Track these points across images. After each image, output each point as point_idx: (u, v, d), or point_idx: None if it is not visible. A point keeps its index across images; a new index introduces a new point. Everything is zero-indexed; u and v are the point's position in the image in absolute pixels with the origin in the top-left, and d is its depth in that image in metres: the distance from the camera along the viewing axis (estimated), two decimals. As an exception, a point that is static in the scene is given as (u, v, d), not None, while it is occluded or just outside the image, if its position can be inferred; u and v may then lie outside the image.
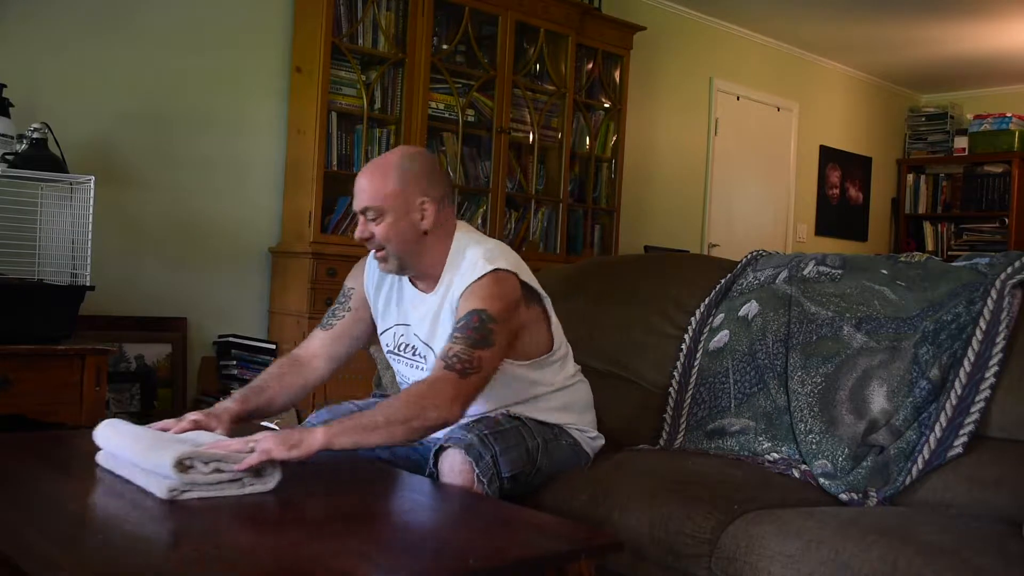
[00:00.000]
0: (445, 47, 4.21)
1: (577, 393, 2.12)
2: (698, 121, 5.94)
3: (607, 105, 4.98)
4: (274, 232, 3.97)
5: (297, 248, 3.80)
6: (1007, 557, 1.56)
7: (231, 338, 3.75)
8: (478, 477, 1.78)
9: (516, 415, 1.97)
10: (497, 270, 1.87)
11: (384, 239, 1.93)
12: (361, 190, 1.93)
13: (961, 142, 7.13)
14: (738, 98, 6.16)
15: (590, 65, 4.88)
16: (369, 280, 2.11)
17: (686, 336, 2.54)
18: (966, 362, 2.03)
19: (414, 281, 2.03)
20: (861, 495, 2.00)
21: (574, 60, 4.66)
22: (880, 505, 1.98)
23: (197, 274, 3.76)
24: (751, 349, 2.37)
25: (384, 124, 4.07)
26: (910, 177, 7.46)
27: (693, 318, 2.56)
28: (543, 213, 4.68)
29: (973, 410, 1.98)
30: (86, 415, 2.67)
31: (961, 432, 1.98)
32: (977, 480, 1.94)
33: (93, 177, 2.87)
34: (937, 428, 2.00)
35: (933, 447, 1.99)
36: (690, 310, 2.59)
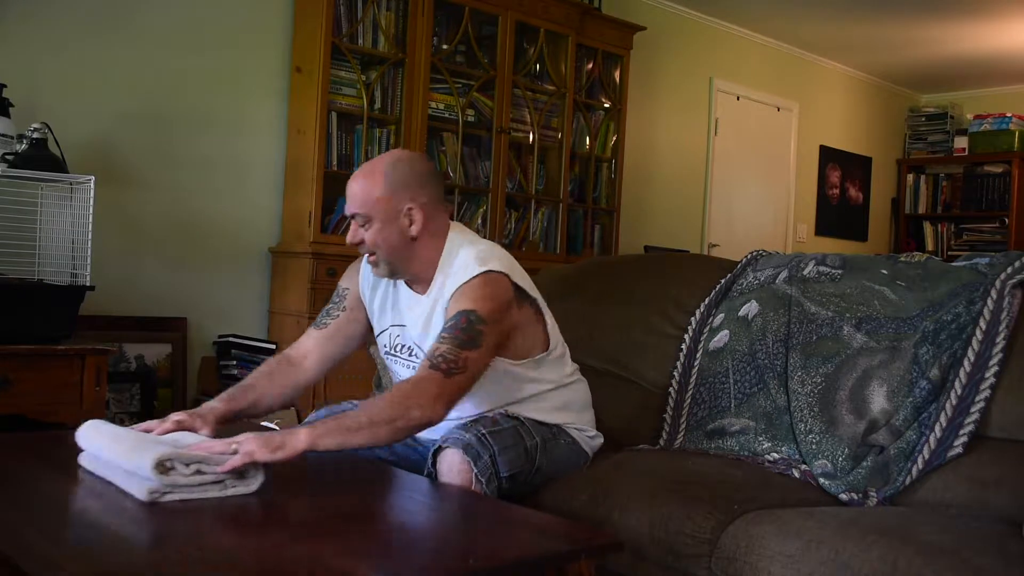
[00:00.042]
0: (445, 47, 4.21)
1: (575, 392, 2.12)
2: (698, 121, 5.94)
3: (607, 105, 4.98)
4: (274, 232, 3.97)
5: (297, 248, 3.80)
6: (1007, 557, 1.56)
7: (231, 338, 3.75)
8: (476, 477, 1.78)
9: (514, 415, 1.96)
10: (489, 271, 1.87)
11: (372, 245, 1.94)
12: (351, 195, 1.94)
13: (961, 142, 7.13)
14: (738, 98, 6.16)
15: (590, 65, 4.88)
16: (364, 281, 2.11)
17: (686, 336, 2.54)
18: (966, 362, 2.03)
19: (409, 283, 2.03)
20: (861, 495, 2.00)
21: (574, 60, 4.66)
22: (880, 505, 1.98)
23: (197, 274, 3.76)
24: (751, 349, 2.37)
25: (384, 124, 4.07)
26: (910, 177, 7.47)
27: (693, 318, 2.56)
28: (543, 213, 4.68)
29: (973, 410, 1.98)
30: (86, 415, 2.63)
31: (961, 432, 1.98)
32: (977, 480, 1.94)
33: (93, 177, 2.87)
34: (937, 428, 2.00)
35: (933, 447, 1.99)
36: (690, 310, 2.59)
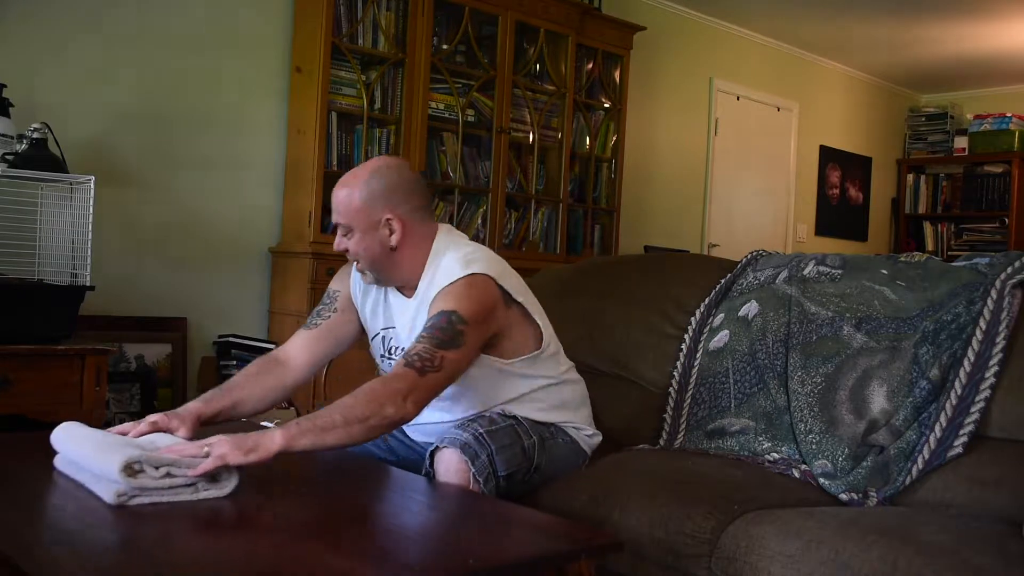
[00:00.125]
0: (445, 47, 4.21)
1: (571, 389, 2.11)
2: (698, 121, 5.93)
3: (607, 105, 4.98)
4: (274, 232, 3.97)
5: (297, 248, 3.81)
6: (1007, 557, 1.56)
7: (231, 338, 3.75)
8: (474, 476, 1.78)
9: (511, 414, 1.96)
10: (473, 274, 1.86)
11: (355, 254, 1.96)
12: (334, 204, 1.97)
13: (961, 142, 7.13)
14: (738, 98, 6.16)
15: (590, 65, 4.88)
16: (355, 285, 2.10)
17: (686, 336, 2.54)
18: (966, 362, 2.03)
19: (398, 287, 2.03)
20: (861, 495, 2.00)
21: (574, 60, 4.66)
22: (880, 505, 1.98)
23: (197, 274, 3.76)
24: (751, 349, 2.37)
25: (384, 124, 4.07)
26: (910, 177, 7.46)
27: (693, 318, 2.56)
28: (543, 213, 4.68)
29: (973, 410, 1.98)
30: (86, 415, 2.66)
31: (961, 432, 1.98)
32: (977, 480, 1.94)
33: (93, 177, 2.87)
34: (937, 428, 2.00)
35: (933, 447, 1.99)
36: (690, 310, 2.59)
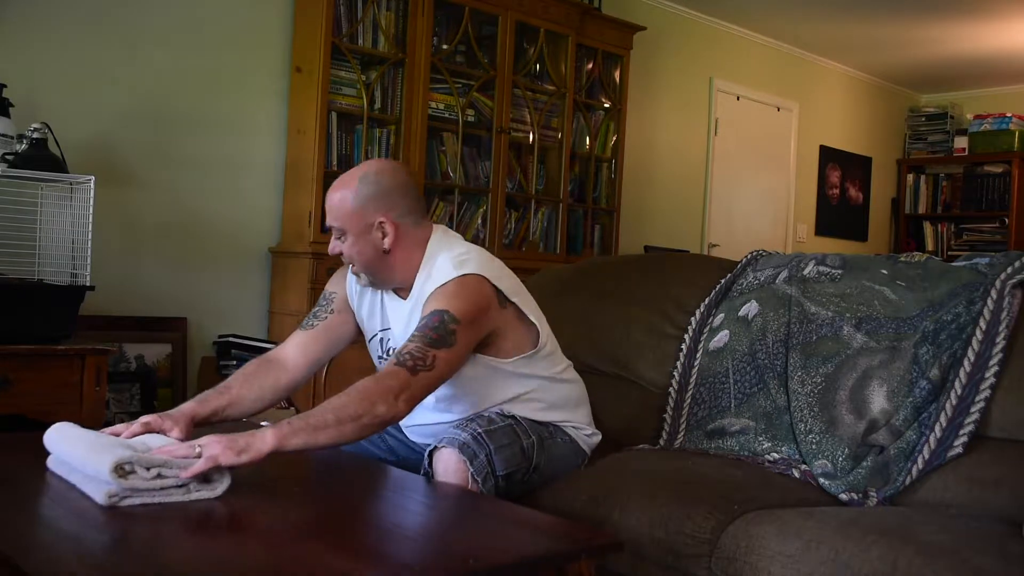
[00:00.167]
0: (445, 47, 4.21)
1: (569, 388, 2.11)
2: (698, 121, 5.93)
3: (607, 105, 4.97)
4: (274, 232, 3.97)
5: (297, 248, 3.80)
6: (1007, 557, 1.56)
7: (231, 338, 3.75)
8: (472, 476, 1.78)
9: (509, 413, 1.96)
10: (465, 275, 1.86)
11: (349, 257, 1.96)
12: (327, 208, 1.96)
13: (961, 142, 7.13)
14: (738, 98, 6.16)
15: (590, 65, 4.88)
16: (352, 287, 2.10)
17: (686, 336, 2.54)
18: (966, 362, 2.03)
19: (394, 289, 2.03)
20: (861, 495, 2.00)
21: (574, 60, 4.66)
22: (880, 505, 1.98)
23: (197, 274, 3.76)
24: (751, 349, 2.37)
25: (384, 124, 4.07)
26: (910, 177, 7.46)
27: (693, 318, 2.56)
28: (543, 213, 4.68)
29: (973, 410, 1.98)
30: (86, 415, 2.66)
31: (961, 432, 1.98)
32: (977, 480, 1.94)
33: (93, 177, 2.87)
34: (937, 428, 2.00)
35: (933, 447, 1.99)
36: (690, 310, 2.59)
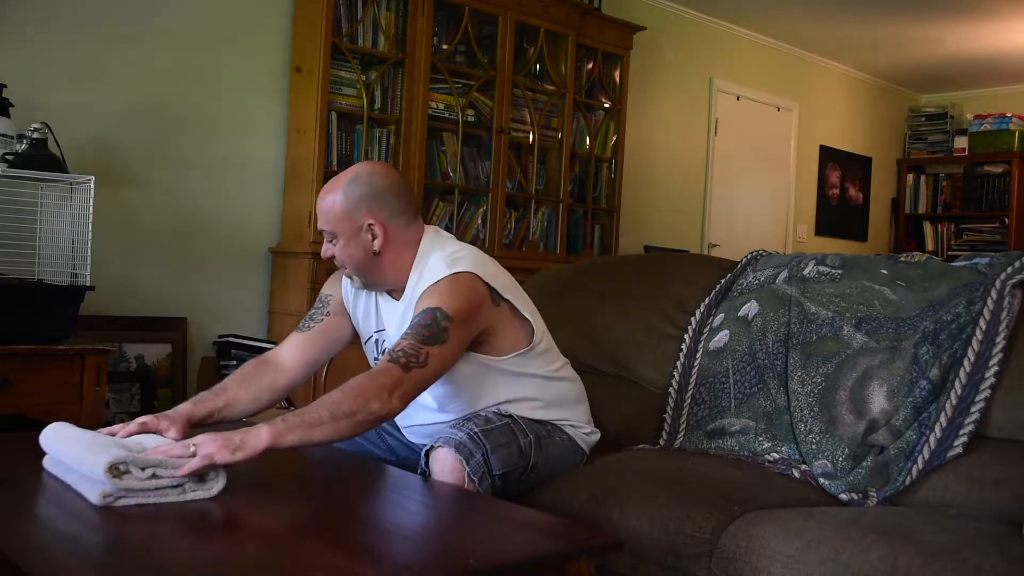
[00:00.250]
0: (445, 47, 4.21)
1: (566, 386, 2.11)
2: (698, 121, 5.93)
3: (607, 105, 4.97)
4: (274, 232, 3.97)
5: (297, 248, 3.80)
6: (1007, 557, 1.56)
7: (231, 338, 3.75)
8: (468, 476, 1.78)
9: (507, 413, 1.96)
10: (458, 273, 1.86)
11: (341, 260, 1.96)
12: (318, 212, 1.97)
13: (961, 142, 7.13)
14: (738, 98, 6.15)
15: (590, 65, 4.88)
16: (347, 289, 2.11)
17: (686, 336, 2.54)
18: (966, 362, 2.03)
19: (387, 291, 2.04)
20: (861, 495, 2.00)
21: (574, 60, 4.66)
22: (880, 505, 1.98)
23: (197, 274, 3.76)
24: (751, 349, 2.37)
25: (384, 124, 4.07)
26: (910, 177, 7.46)
27: (693, 318, 2.56)
28: (543, 213, 4.68)
29: (973, 410, 1.98)
30: (86, 415, 2.66)
31: (961, 432, 1.98)
32: (977, 480, 1.94)
33: (93, 177, 2.87)
34: (937, 428, 2.00)
35: (933, 447, 1.99)
36: (690, 310, 2.59)
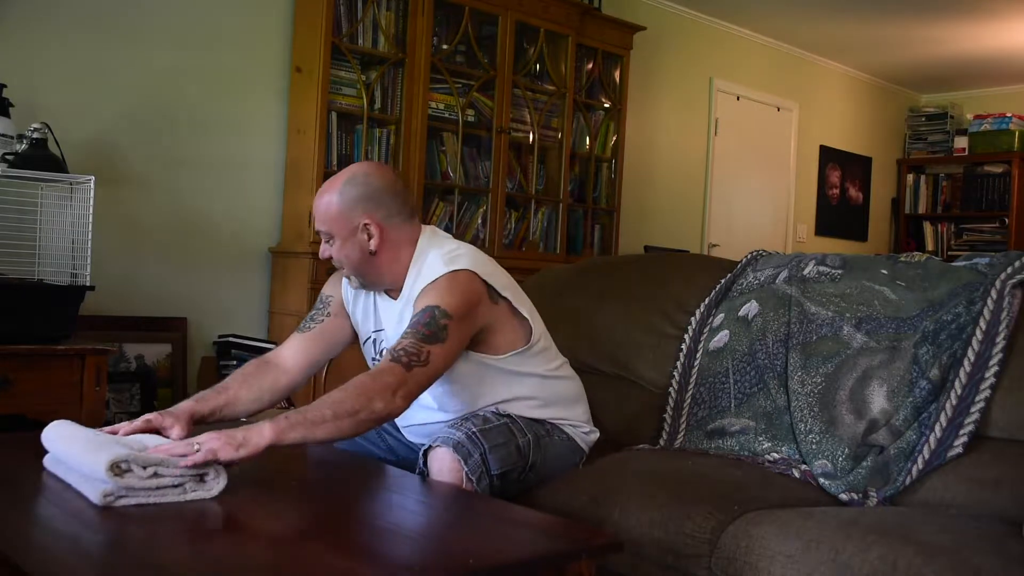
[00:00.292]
0: (445, 47, 4.21)
1: (565, 385, 2.11)
2: (698, 121, 5.93)
3: (607, 105, 4.97)
4: (274, 232, 3.97)
5: (297, 248, 3.80)
6: (1007, 557, 1.56)
7: (231, 338, 3.75)
8: (467, 475, 1.78)
9: (505, 412, 1.96)
10: (455, 271, 1.86)
11: (338, 260, 1.97)
12: (314, 212, 1.98)
13: (961, 142, 7.13)
14: (738, 98, 6.15)
15: (590, 65, 4.88)
16: (347, 290, 2.11)
17: (686, 336, 2.54)
18: (966, 362, 2.03)
19: (386, 290, 2.04)
20: (861, 495, 2.00)
21: (574, 60, 4.66)
22: (880, 505, 1.98)
23: (197, 274, 3.76)
24: (751, 349, 2.37)
25: (384, 124, 4.07)
26: (910, 177, 7.46)
27: (693, 318, 2.56)
28: (543, 213, 4.68)
29: (973, 410, 1.98)
30: (86, 415, 2.66)
31: (961, 432, 1.98)
32: (977, 480, 1.94)
33: (93, 177, 2.87)
34: (937, 428, 2.00)
35: (933, 447, 1.99)
36: (690, 310, 2.59)
